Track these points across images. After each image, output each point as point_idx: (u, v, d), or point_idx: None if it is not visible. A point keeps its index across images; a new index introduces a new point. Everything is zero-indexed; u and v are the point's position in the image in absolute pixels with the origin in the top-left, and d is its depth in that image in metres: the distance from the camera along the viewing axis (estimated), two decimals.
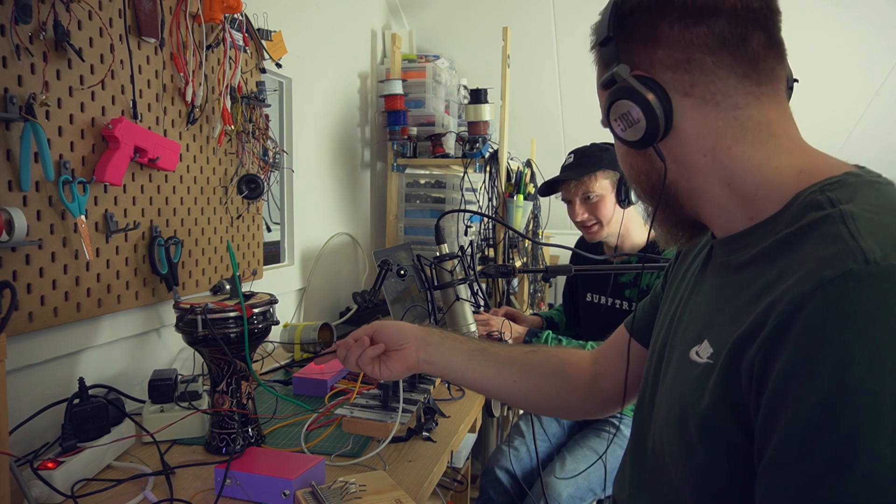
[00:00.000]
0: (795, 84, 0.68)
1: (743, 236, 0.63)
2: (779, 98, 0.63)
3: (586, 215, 1.75)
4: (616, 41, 0.65)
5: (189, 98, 1.40)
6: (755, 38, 0.60)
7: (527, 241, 2.62)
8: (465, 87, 2.78)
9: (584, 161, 1.74)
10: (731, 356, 0.56)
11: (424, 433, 1.19)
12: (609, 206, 1.72)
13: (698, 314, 0.68)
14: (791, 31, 0.65)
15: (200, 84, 1.43)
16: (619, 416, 1.71)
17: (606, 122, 0.68)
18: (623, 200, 1.70)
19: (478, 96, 2.31)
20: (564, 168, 1.77)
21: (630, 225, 1.75)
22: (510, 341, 1.67)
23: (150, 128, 1.31)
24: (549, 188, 1.82)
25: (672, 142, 0.64)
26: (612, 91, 0.65)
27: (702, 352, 0.62)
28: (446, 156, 2.44)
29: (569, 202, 1.77)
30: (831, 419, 0.47)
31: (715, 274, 0.69)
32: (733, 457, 0.57)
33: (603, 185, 1.72)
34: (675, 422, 0.64)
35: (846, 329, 0.47)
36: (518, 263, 2.47)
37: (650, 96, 0.62)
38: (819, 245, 0.53)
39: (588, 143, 1.78)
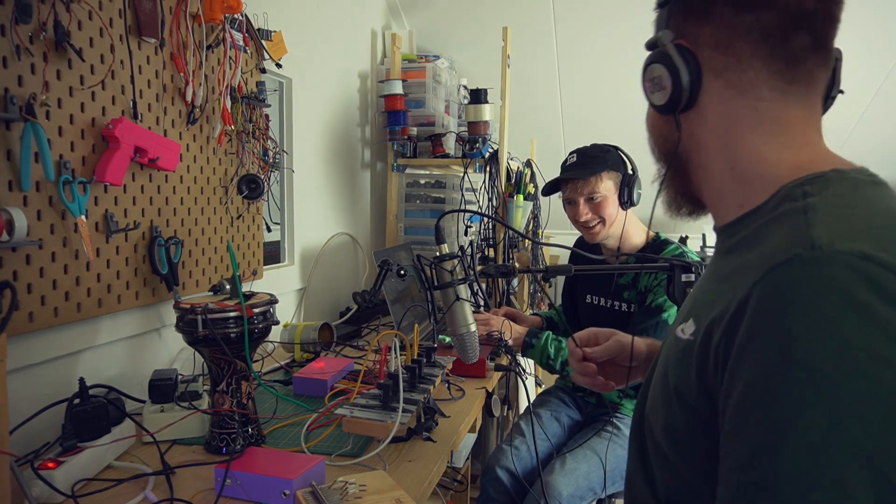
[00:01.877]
0: (841, 95, 0.69)
1: (734, 224, 0.66)
2: (809, 101, 0.64)
3: (590, 215, 1.75)
4: (670, 7, 0.67)
5: (189, 98, 1.40)
6: (799, 39, 0.61)
7: (527, 240, 2.62)
8: (465, 87, 2.79)
9: (589, 161, 1.74)
10: (705, 337, 0.58)
11: (424, 433, 1.19)
12: (612, 207, 1.73)
13: (691, 297, 0.72)
14: None
15: (200, 84, 1.43)
16: (619, 415, 1.72)
17: (643, 86, 0.71)
18: (625, 202, 1.70)
19: (478, 96, 2.31)
20: (568, 167, 1.77)
21: (629, 227, 1.75)
22: (510, 341, 1.67)
23: (150, 128, 1.31)
24: (552, 187, 1.83)
25: (693, 116, 0.67)
26: (650, 54, 0.68)
27: (686, 329, 0.64)
28: (446, 156, 2.45)
29: (572, 202, 1.77)
30: (772, 392, 0.49)
31: (714, 260, 0.72)
32: (706, 429, 0.58)
33: (607, 186, 1.72)
34: (660, 394, 0.67)
35: (788, 309, 0.49)
36: (518, 264, 2.46)
37: (683, 68, 0.64)
38: (779, 234, 0.56)
39: (589, 144, 1.78)
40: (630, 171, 1.70)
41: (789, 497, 0.47)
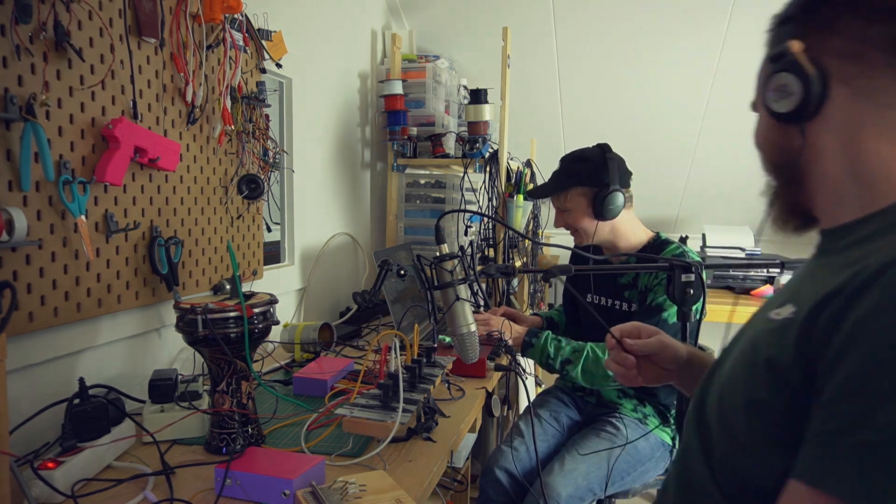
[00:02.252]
0: None
1: (852, 226, 0.67)
2: None
3: (563, 223, 1.79)
4: (795, 21, 0.69)
5: (189, 98, 1.40)
6: None
7: (527, 240, 2.63)
8: (465, 87, 2.79)
9: (558, 177, 1.76)
10: (816, 309, 0.59)
11: (424, 433, 1.19)
12: (582, 220, 1.73)
13: (787, 289, 0.73)
14: None
15: (200, 84, 1.43)
16: (619, 416, 1.72)
17: (761, 93, 0.72)
18: (599, 216, 1.68)
19: (478, 96, 2.31)
20: (551, 176, 1.80)
21: (621, 229, 1.74)
22: (510, 341, 1.67)
23: (150, 128, 1.31)
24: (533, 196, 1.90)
25: (816, 126, 0.68)
26: (778, 63, 0.69)
27: (782, 311, 0.65)
28: (446, 156, 2.45)
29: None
30: (885, 367, 0.50)
31: (814, 260, 0.73)
32: (794, 398, 0.59)
33: (575, 201, 1.72)
34: (742, 369, 0.67)
35: None
36: (518, 263, 2.47)
37: (815, 76, 0.66)
38: None
39: (579, 148, 1.78)
40: (608, 182, 1.66)
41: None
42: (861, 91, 0.65)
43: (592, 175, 1.69)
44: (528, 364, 2.30)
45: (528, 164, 2.64)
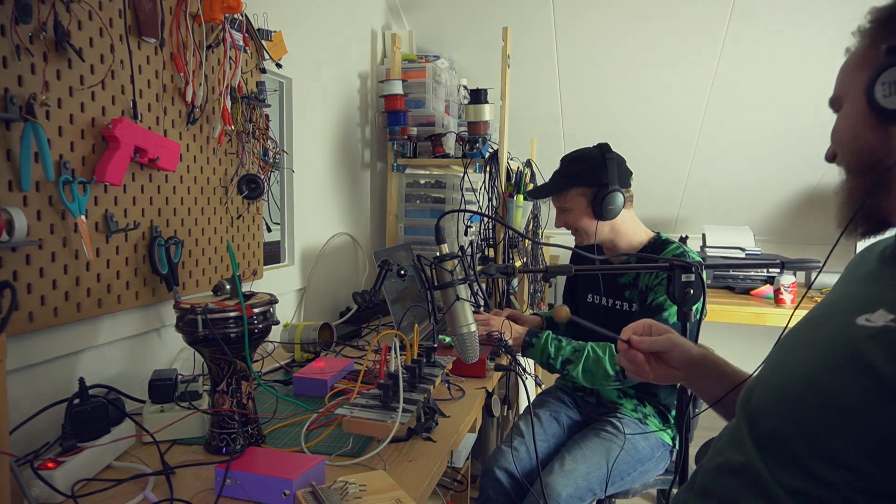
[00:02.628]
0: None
1: None
2: None
3: (564, 224, 1.79)
4: None
5: (189, 98, 1.40)
6: None
7: (527, 241, 2.62)
8: (465, 87, 2.79)
9: (557, 178, 1.76)
10: None
11: (424, 433, 1.19)
12: (584, 220, 1.73)
13: (865, 295, 0.70)
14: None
15: (200, 84, 1.43)
16: (618, 416, 1.72)
17: (869, 88, 0.68)
18: (599, 215, 1.68)
19: (478, 96, 2.31)
20: (552, 176, 1.80)
21: (621, 229, 1.74)
22: (510, 341, 1.67)
23: (150, 128, 1.31)
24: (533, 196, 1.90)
25: None
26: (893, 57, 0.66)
27: (875, 318, 0.63)
28: (446, 156, 2.45)
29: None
30: None
31: (890, 266, 0.71)
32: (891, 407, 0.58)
33: (576, 202, 1.72)
34: (837, 377, 0.64)
35: None
36: (518, 263, 2.47)
37: None
38: None
39: (579, 148, 1.78)
40: (607, 182, 1.66)
41: None
42: None
43: (592, 175, 1.69)
44: (528, 364, 2.30)
45: (528, 164, 2.64)
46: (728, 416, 0.96)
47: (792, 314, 0.90)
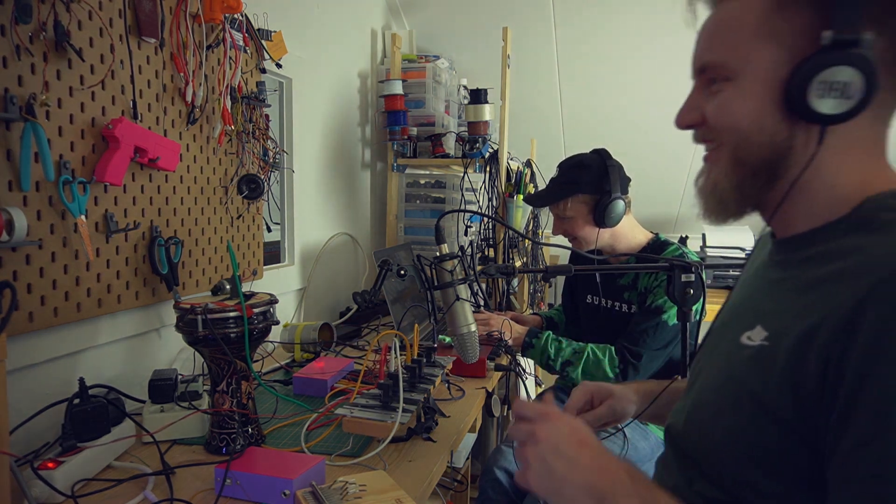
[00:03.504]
0: None
1: (807, 236, 0.65)
2: (892, 120, 0.64)
3: (563, 231, 1.78)
4: (848, 5, 0.58)
5: (189, 98, 1.40)
6: None
7: (527, 241, 2.62)
8: (465, 87, 2.78)
9: (557, 185, 1.75)
10: (799, 346, 0.56)
11: (424, 433, 1.19)
12: (584, 228, 1.72)
13: (749, 304, 0.70)
14: None
15: (200, 84, 1.43)
16: None
17: (797, 80, 0.59)
18: (601, 223, 1.68)
19: (478, 96, 2.31)
20: (549, 182, 1.79)
21: (620, 233, 1.74)
22: (510, 341, 1.67)
23: (150, 128, 1.31)
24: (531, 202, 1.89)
25: (836, 130, 0.60)
26: (839, 54, 0.57)
27: (754, 336, 0.63)
28: (446, 156, 2.45)
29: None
30: None
31: (771, 270, 0.70)
32: (784, 433, 0.58)
33: (576, 209, 1.71)
34: (724, 400, 0.66)
35: None
36: (518, 263, 2.47)
37: (879, 80, 0.56)
38: (883, 244, 0.56)
39: (576, 154, 1.77)
40: (609, 189, 1.65)
41: None
42: (883, 103, 0.60)
43: (594, 183, 1.68)
44: (528, 364, 2.30)
45: (528, 164, 2.64)
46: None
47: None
